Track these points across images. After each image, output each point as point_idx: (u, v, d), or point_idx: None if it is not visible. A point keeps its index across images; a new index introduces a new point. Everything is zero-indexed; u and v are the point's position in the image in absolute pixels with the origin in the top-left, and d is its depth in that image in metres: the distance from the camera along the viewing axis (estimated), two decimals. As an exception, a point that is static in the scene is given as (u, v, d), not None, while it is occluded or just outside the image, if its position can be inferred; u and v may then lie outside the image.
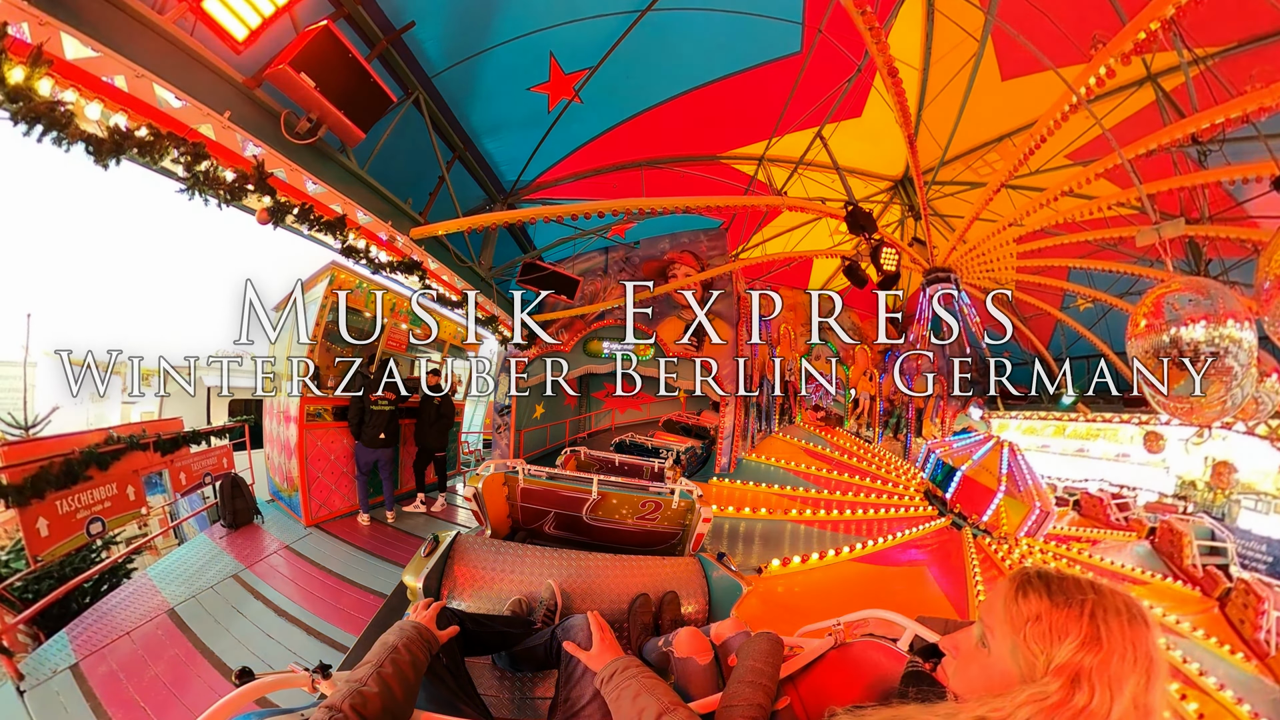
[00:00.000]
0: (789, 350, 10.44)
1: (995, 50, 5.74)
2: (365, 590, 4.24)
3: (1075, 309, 9.27)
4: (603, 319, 8.26)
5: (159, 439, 4.97)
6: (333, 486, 5.83)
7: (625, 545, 3.60)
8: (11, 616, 3.61)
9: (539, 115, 5.52)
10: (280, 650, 3.41)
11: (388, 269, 5.15)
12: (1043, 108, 4.62)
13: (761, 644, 1.46)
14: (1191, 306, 2.88)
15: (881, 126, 6.64)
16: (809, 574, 5.26)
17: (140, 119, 2.94)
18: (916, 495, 7.93)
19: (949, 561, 6.25)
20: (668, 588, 2.77)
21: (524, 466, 3.53)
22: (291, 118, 3.72)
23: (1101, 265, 6.78)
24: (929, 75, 6.41)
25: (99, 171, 2.95)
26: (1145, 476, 10.13)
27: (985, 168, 7.13)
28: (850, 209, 5.58)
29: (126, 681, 3.00)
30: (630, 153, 6.69)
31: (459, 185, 5.62)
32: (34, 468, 3.73)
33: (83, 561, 4.70)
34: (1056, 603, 0.77)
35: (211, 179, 3.42)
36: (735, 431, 8.06)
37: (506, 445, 8.11)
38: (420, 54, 4.50)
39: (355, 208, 4.47)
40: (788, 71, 5.78)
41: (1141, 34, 3.48)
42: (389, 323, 6.61)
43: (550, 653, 1.91)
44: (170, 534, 5.64)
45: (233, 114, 3.35)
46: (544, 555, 2.78)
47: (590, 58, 4.93)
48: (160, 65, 2.91)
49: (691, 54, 5.41)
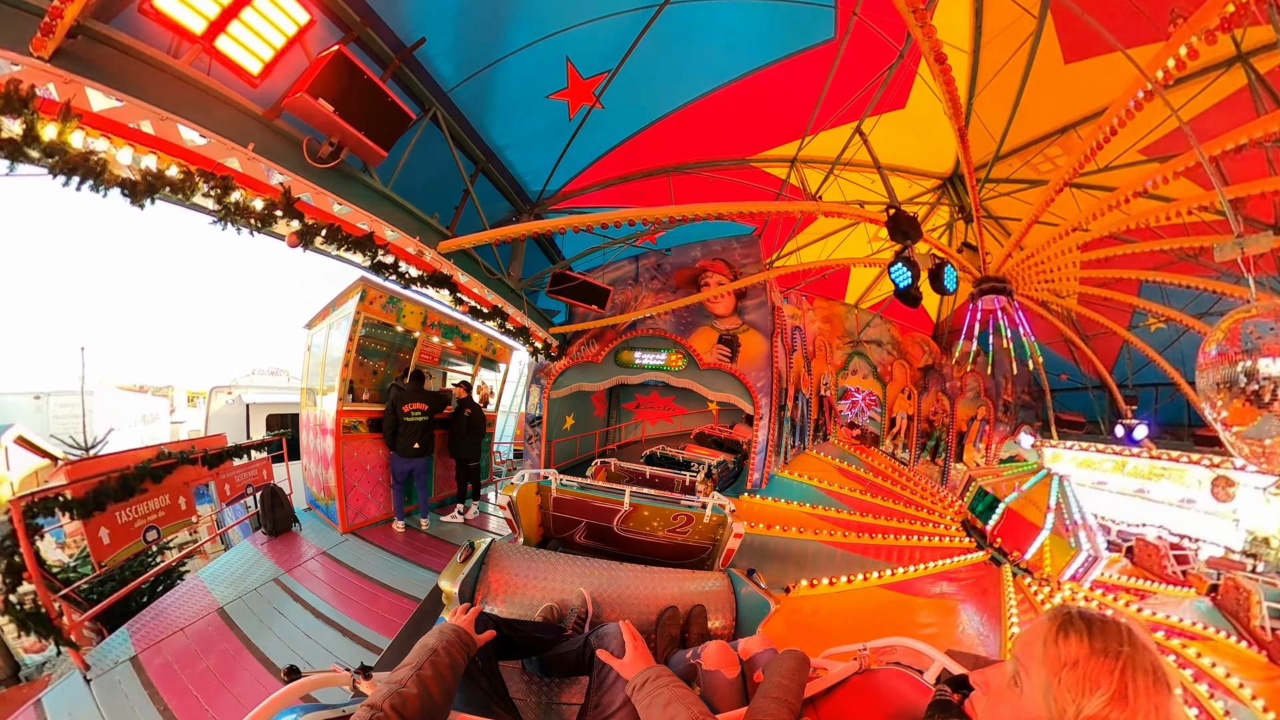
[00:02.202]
0: (824, 364, 10.03)
1: (1056, 29, 5.06)
2: (399, 594, 4.38)
3: (1145, 329, 8.43)
4: (634, 329, 8.16)
5: (206, 453, 5.34)
6: (368, 495, 6.02)
7: (655, 557, 3.59)
8: (79, 614, 3.98)
9: (560, 123, 5.44)
10: (317, 649, 3.59)
11: (418, 283, 5.28)
12: (1113, 94, 4.04)
13: (789, 661, 1.49)
14: (1273, 336, 2.54)
15: (928, 118, 6.08)
16: (836, 597, 5.16)
17: (169, 159, 3.12)
18: (954, 525, 7.56)
19: (984, 599, 5.93)
20: (696, 601, 2.81)
21: (556, 476, 3.56)
22: (313, 143, 3.84)
23: (1178, 279, 6.00)
24: (980, 59, 5.75)
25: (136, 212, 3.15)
26: (1211, 527, 8.92)
27: (1046, 164, 6.36)
28: (892, 212, 5.17)
29: (180, 672, 3.28)
30: (656, 158, 6.51)
31: (484, 198, 5.65)
32: (94, 483, 4.07)
33: (141, 565, 5.10)
34: (1095, 648, 0.77)
35: (241, 209, 3.60)
36: (768, 446, 7.76)
37: (537, 456, 8.16)
38: (433, 70, 4.52)
39: (382, 225, 4.57)
40: (821, 61, 5.35)
41: (1230, 6, 2.94)
42: (421, 336, 6.75)
43: (582, 659, 1.98)
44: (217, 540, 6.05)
45: (256, 145, 3.49)
46: (576, 564, 2.86)
47: (609, 60, 4.75)
48: (182, 106, 3.07)
49: (715, 49, 5.11)
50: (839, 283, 10.45)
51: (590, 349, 8.12)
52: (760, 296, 7.97)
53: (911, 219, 5.19)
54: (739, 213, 5.36)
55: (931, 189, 7.50)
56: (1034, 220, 5.50)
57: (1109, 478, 10.25)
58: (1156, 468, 9.56)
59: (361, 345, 5.97)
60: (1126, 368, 9.70)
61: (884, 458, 10.00)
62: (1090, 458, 10.44)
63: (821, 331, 10.07)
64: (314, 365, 6.50)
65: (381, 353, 6.57)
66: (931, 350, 11.42)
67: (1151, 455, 9.47)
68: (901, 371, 10.89)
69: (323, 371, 6.16)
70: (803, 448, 9.17)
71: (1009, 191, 6.95)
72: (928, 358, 11.30)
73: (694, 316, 8.12)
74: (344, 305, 6.00)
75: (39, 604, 3.33)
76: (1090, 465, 10.36)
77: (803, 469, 8.30)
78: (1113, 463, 10.14)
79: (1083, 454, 10.62)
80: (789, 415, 8.45)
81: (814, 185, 6.88)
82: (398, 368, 6.73)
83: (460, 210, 5.48)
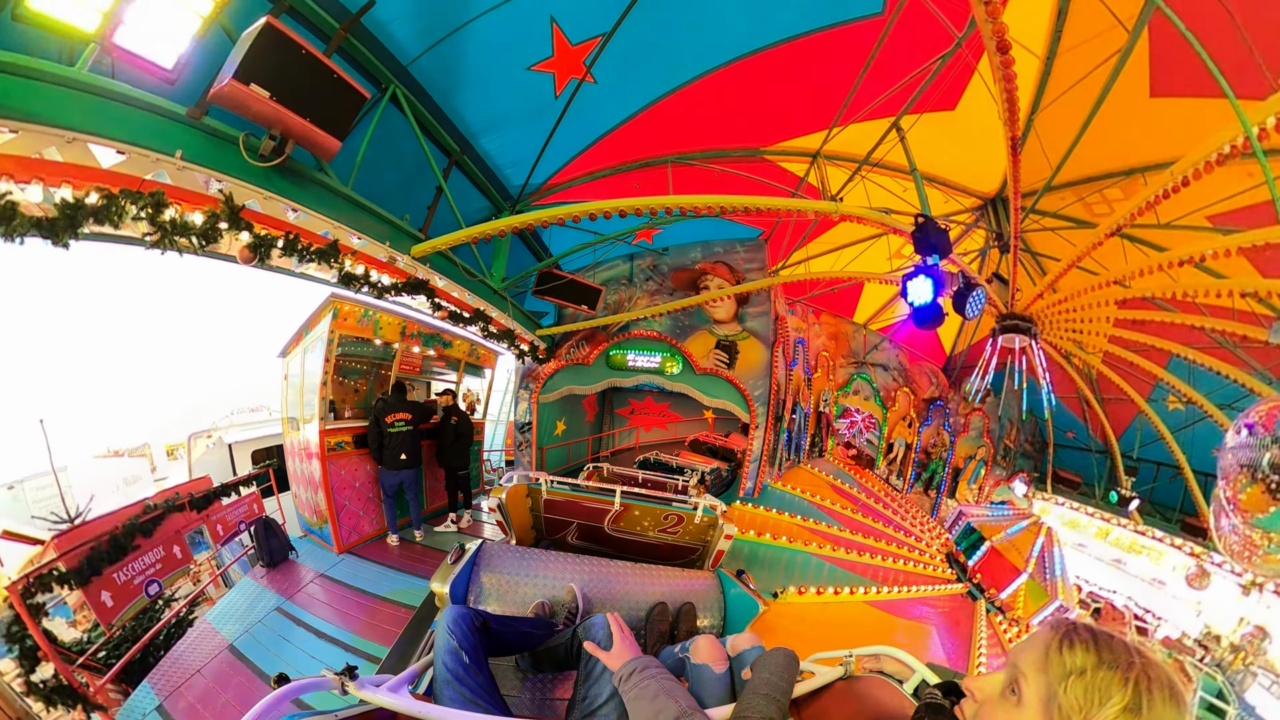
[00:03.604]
0: (826, 380, 9.72)
1: (1150, 53, 4.30)
2: (398, 605, 4.52)
3: (1163, 405, 8.14)
4: (627, 330, 7.71)
5: (192, 497, 5.36)
6: (360, 513, 5.94)
7: (646, 558, 3.57)
8: (100, 679, 4.10)
9: (545, 102, 4.67)
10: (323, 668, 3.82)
11: (392, 292, 4.86)
12: (1193, 143, 3.45)
13: (779, 658, 1.49)
14: None
15: (979, 127, 5.30)
16: (822, 607, 5.26)
17: (86, 184, 2.69)
18: (938, 555, 7.80)
19: (956, 629, 6.17)
20: (686, 599, 2.83)
21: (547, 477, 3.54)
22: (251, 139, 3.25)
23: (1211, 362, 5.67)
24: (1052, 68, 4.91)
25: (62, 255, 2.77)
26: (1173, 610, 9.30)
27: (1102, 205, 5.66)
28: (921, 221, 4.54)
29: (204, 711, 3.47)
30: (656, 146, 5.75)
31: (459, 195, 5.03)
32: (85, 550, 4.08)
33: (150, 620, 5.15)
34: (1104, 659, 0.75)
35: (179, 227, 3.19)
36: (762, 456, 7.58)
37: (528, 463, 7.99)
38: (389, 39, 3.79)
39: (346, 231, 4.06)
40: (863, 39, 4.59)
41: None
42: (401, 346, 6.49)
43: (570, 652, 2.01)
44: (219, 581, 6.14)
45: (184, 152, 2.97)
46: (566, 560, 2.87)
47: (604, 20, 4.01)
48: (89, 121, 2.59)
49: (734, 11, 4.29)
50: (849, 300, 9.89)
51: (581, 351, 7.72)
52: (764, 304, 7.57)
53: (942, 231, 4.57)
54: (746, 210, 4.74)
55: (970, 209, 6.69)
56: (1074, 263, 4.96)
57: (1090, 542, 10.57)
58: (1137, 543, 9.81)
59: (339, 364, 5.83)
60: (1135, 439, 9.54)
61: (878, 481, 10.04)
62: (1078, 519, 10.70)
63: (826, 347, 9.71)
64: (293, 394, 6.33)
65: (360, 370, 6.45)
66: (940, 383, 11.13)
67: (1137, 529, 9.64)
68: (905, 399, 10.63)
69: (302, 399, 5.98)
70: (797, 461, 9.07)
71: (1055, 227, 6.24)
72: (935, 390, 11.01)
73: (691, 320, 7.75)
74: (316, 326, 5.74)
75: (60, 678, 3.41)
76: (1075, 526, 10.72)
77: (796, 482, 8.26)
78: (1096, 529, 10.47)
79: (1071, 513, 10.84)
80: (785, 427, 8.25)
81: (835, 186, 6.18)
82: (379, 383, 6.58)
83: (433, 210, 4.89)
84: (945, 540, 8.11)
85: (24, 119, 2.34)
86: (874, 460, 10.36)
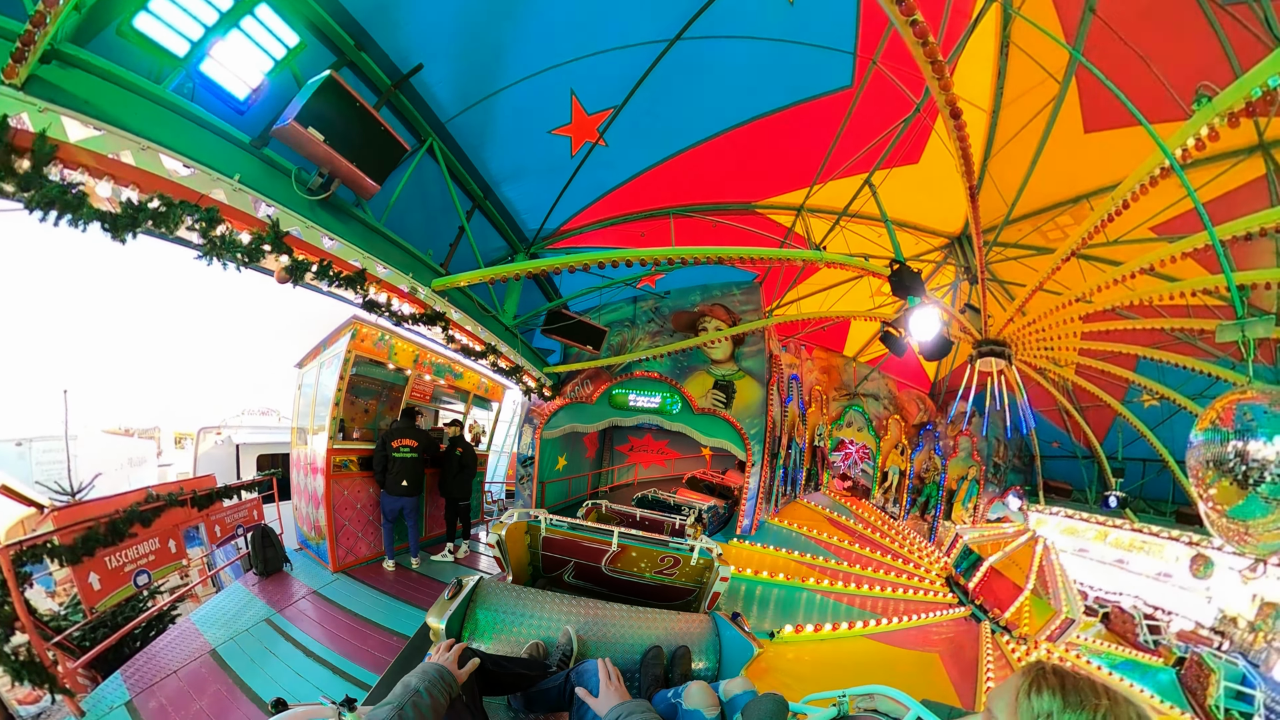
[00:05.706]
0: (820, 414, 9.95)
1: (1079, 96, 5.05)
2: (389, 632, 4.39)
3: (1139, 404, 8.50)
4: (629, 371, 7.97)
5: (195, 495, 5.33)
6: (358, 534, 5.89)
7: (643, 598, 3.63)
8: (72, 662, 3.96)
9: (562, 160, 5.27)
10: (308, 688, 3.63)
11: (410, 321, 5.10)
12: (1130, 168, 3.99)
13: (767, 704, 1.57)
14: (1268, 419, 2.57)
15: (940, 176, 6.02)
16: (820, 645, 5.22)
17: (151, 190, 2.92)
18: (938, 580, 7.69)
19: (962, 654, 6.03)
20: (681, 642, 2.88)
21: (546, 515, 3.58)
22: (302, 174, 3.65)
23: (1176, 359, 6.02)
24: (999, 120, 5.72)
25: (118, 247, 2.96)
26: (1184, 603, 9.25)
27: (1056, 231, 6.35)
28: (896, 267, 5.03)
29: (174, 715, 3.26)
30: (659, 199, 6.36)
31: (479, 234, 5.48)
32: (83, 529, 4.02)
33: (133, 610, 4.96)
34: (1069, 701, 0.77)
35: (228, 243, 3.40)
36: (759, 493, 7.57)
37: (529, 496, 7.97)
38: (431, 98, 4.32)
39: (375, 261, 4.38)
40: (835, 109, 5.28)
41: (1256, 89, 2.84)
42: (413, 374, 6.63)
43: (563, 695, 2.04)
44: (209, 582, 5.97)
45: (242, 176, 3.30)
46: (563, 602, 2.89)
47: (615, 95, 4.60)
48: (164, 135, 2.88)
49: (726, 89, 4.97)
50: (839, 334, 10.39)
51: (584, 390, 7.92)
52: (758, 344, 7.86)
53: (915, 275, 5.05)
54: (741, 259, 5.18)
55: (939, 247, 7.43)
56: (1038, 287, 5.41)
57: (1091, 546, 10.52)
58: (1137, 540, 9.82)
59: (353, 384, 5.91)
60: (1117, 441, 9.86)
61: (874, 510, 10.00)
62: (1074, 525, 10.70)
63: (819, 381, 10.01)
64: (305, 405, 6.45)
65: (373, 391, 6.51)
66: (927, 408, 11.46)
67: (1134, 528, 9.64)
68: (896, 426, 10.87)
69: (313, 411, 6.06)
70: (794, 496, 9.05)
71: (1017, 256, 6.90)
72: (923, 415, 11.32)
73: (690, 360, 8.00)
74: (335, 344, 5.94)
75: (33, 653, 3.30)
76: (1073, 533, 10.66)
77: (793, 517, 8.19)
78: (1095, 532, 10.45)
79: (1067, 521, 10.84)
80: (781, 463, 8.29)
81: (819, 235, 6.78)
82: (390, 407, 6.64)
83: (454, 247, 5.30)
84: (944, 564, 7.99)
85: (109, 122, 2.63)
86: (869, 490, 10.33)
